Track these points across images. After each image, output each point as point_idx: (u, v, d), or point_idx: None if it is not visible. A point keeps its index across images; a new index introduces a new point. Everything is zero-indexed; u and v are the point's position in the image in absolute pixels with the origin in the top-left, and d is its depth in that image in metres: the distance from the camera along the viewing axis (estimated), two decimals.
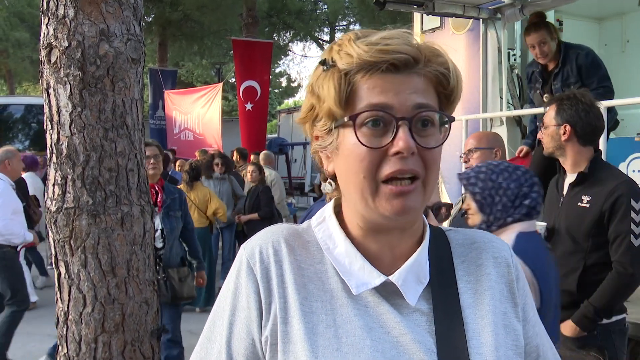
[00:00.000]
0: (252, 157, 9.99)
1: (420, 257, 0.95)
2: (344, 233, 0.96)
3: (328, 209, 1.01)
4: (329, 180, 1.00)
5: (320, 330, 0.90)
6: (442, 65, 0.89)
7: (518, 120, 5.31)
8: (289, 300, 0.92)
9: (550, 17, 5.87)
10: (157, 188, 4.26)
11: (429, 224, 1.01)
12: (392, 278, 0.92)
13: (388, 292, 0.93)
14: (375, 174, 0.87)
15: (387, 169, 0.86)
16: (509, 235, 2.13)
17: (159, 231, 4.15)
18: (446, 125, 0.92)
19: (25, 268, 7.29)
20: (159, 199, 4.25)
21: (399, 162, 0.86)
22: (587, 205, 2.64)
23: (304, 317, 0.91)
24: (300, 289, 0.93)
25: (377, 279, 0.92)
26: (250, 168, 8.07)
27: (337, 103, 0.89)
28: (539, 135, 2.91)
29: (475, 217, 2.30)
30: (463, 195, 3.44)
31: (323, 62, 0.91)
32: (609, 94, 4.14)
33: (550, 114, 2.80)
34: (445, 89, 0.91)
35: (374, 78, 0.87)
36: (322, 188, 1.03)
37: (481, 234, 1.05)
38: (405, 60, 0.87)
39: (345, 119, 0.89)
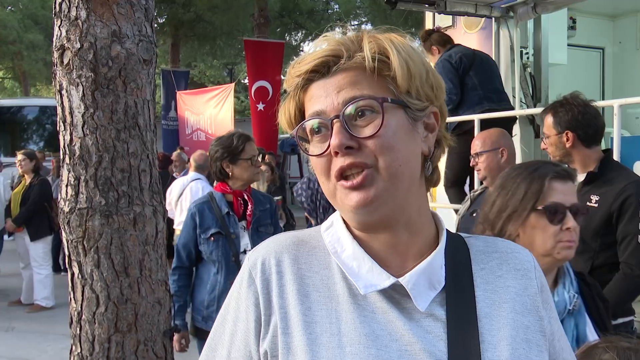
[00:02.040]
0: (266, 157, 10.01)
1: (434, 261, 0.91)
2: (352, 235, 0.94)
3: (336, 213, 1.00)
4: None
5: (324, 340, 0.88)
6: (371, 51, 0.87)
7: (531, 119, 5.27)
8: (290, 311, 0.91)
9: (564, 15, 5.83)
10: (246, 197, 3.27)
11: (446, 229, 0.98)
12: (402, 280, 0.89)
13: (399, 297, 0.90)
14: (330, 176, 0.90)
15: (334, 169, 0.88)
16: None
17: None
18: (390, 106, 0.87)
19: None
20: (248, 211, 3.25)
21: (339, 160, 0.87)
22: (596, 205, 2.60)
23: (306, 328, 0.89)
24: (303, 299, 0.91)
25: (387, 280, 0.89)
26: (262, 168, 8.08)
27: (289, 125, 0.95)
28: (542, 146, 2.88)
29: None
30: (471, 194, 3.43)
31: (283, 92, 0.97)
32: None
33: (548, 123, 2.77)
34: (389, 72, 0.88)
35: (310, 90, 0.92)
36: None
37: (504, 243, 1.01)
38: (323, 62, 0.89)
39: (294, 134, 0.94)
